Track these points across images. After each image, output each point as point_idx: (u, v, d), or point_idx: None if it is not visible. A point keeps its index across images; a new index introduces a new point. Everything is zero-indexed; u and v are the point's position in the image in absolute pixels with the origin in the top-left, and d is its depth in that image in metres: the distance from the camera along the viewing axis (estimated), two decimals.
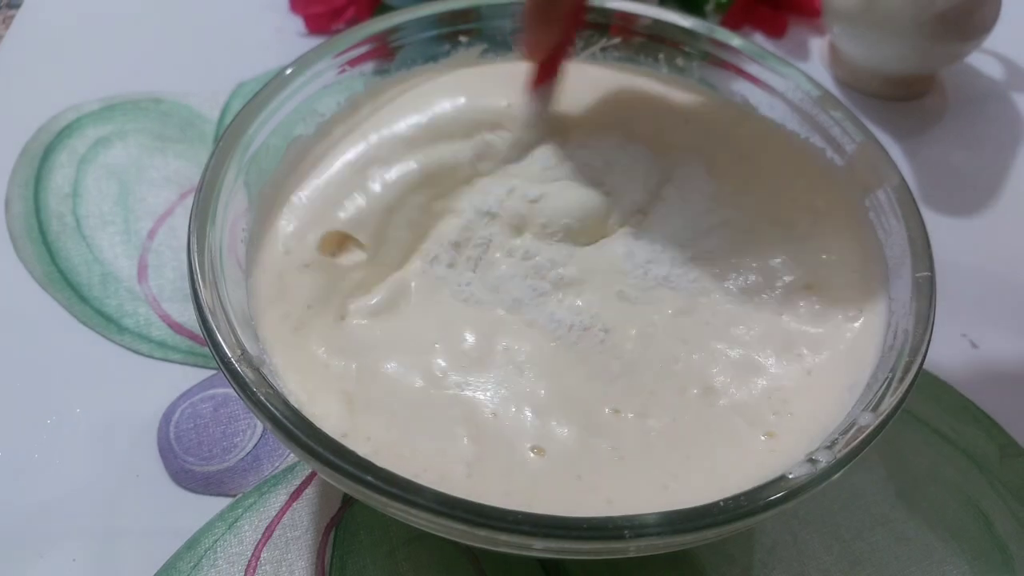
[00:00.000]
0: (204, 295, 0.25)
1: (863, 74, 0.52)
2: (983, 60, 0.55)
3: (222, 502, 0.33)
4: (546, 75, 0.35)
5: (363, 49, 0.36)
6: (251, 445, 0.35)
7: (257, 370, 0.24)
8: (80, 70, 0.50)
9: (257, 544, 0.32)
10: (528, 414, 0.27)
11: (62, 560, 0.31)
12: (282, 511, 0.33)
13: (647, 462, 0.26)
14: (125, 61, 0.50)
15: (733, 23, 0.56)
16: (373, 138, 0.34)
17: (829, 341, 0.29)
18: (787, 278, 0.31)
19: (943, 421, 0.38)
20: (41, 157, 0.44)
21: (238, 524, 0.32)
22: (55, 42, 0.51)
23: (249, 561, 0.31)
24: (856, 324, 0.29)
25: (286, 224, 0.31)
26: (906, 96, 0.51)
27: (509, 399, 0.27)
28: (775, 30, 0.57)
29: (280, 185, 0.33)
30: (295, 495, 0.33)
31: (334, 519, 0.33)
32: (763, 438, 0.27)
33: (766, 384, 0.28)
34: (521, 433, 0.26)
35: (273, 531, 0.32)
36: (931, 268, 0.28)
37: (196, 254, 0.27)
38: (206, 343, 0.25)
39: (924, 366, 0.39)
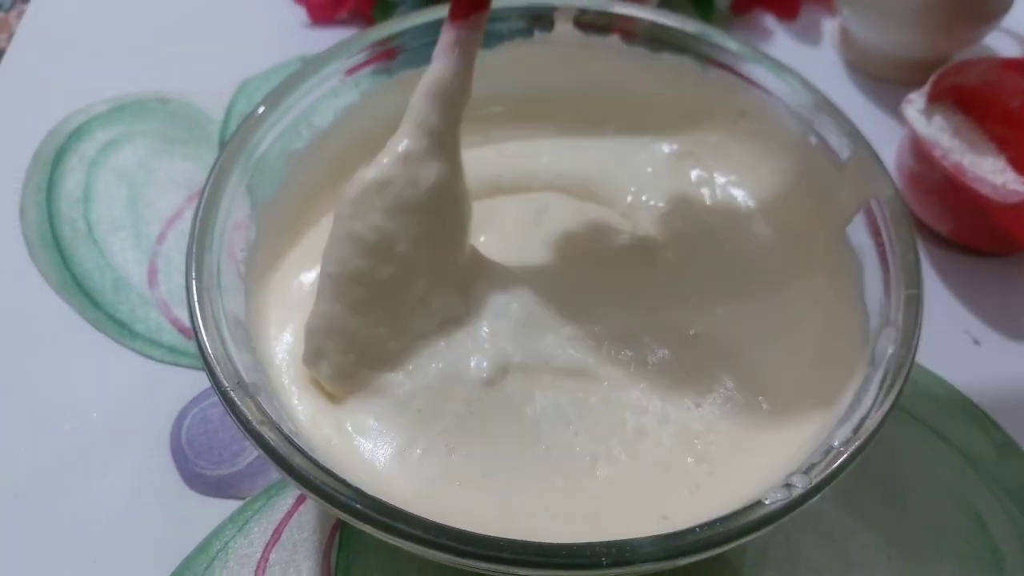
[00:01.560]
0: (202, 327, 0.26)
1: (874, 58, 0.51)
2: (1001, 40, 0.54)
3: (232, 505, 0.34)
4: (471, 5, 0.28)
5: (363, 56, 0.37)
6: None
7: (253, 397, 0.25)
8: (86, 71, 0.50)
9: (266, 545, 0.33)
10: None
11: (83, 561, 0.33)
12: (289, 513, 0.34)
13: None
14: (130, 60, 0.51)
15: (743, 5, 0.55)
16: None
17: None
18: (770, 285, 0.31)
19: (940, 419, 0.38)
20: (52, 162, 0.45)
21: (248, 526, 0.34)
22: (61, 44, 0.52)
23: (258, 562, 0.33)
24: (836, 341, 0.29)
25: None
26: (919, 81, 0.49)
27: None
28: (787, 12, 0.55)
29: (283, 202, 0.34)
30: (302, 497, 0.35)
31: (339, 520, 0.34)
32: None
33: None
34: None
35: (281, 533, 0.34)
36: (919, 286, 0.28)
37: (195, 279, 0.28)
38: (204, 370, 0.26)
39: (924, 363, 0.40)
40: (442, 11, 0.37)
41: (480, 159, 0.37)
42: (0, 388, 0.37)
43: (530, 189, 0.37)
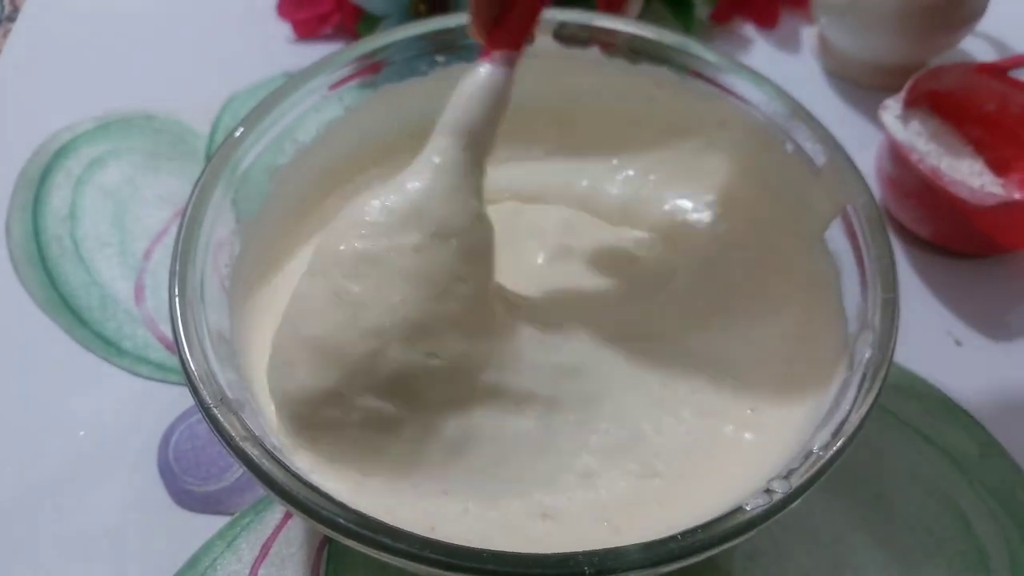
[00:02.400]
0: (185, 345, 0.26)
1: (852, 64, 0.52)
2: (975, 44, 0.54)
3: (220, 520, 0.35)
4: (503, 41, 0.29)
5: (348, 71, 0.37)
6: None
7: (236, 414, 0.25)
8: (72, 89, 0.50)
9: (254, 561, 0.34)
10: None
11: None
12: (277, 529, 0.34)
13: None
14: (116, 77, 0.51)
15: (723, 15, 0.55)
16: None
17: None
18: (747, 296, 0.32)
19: (924, 421, 0.39)
20: (39, 180, 0.46)
21: (236, 542, 0.34)
22: (47, 62, 0.52)
23: None
24: (816, 345, 0.30)
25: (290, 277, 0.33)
26: (897, 86, 0.50)
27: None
28: (766, 20, 0.56)
29: (267, 218, 0.34)
30: (289, 513, 0.35)
31: (327, 536, 0.34)
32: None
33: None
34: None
35: (269, 549, 0.34)
36: (895, 290, 0.28)
37: (178, 297, 0.28)
38: (187, 386, 0.26)
39: (906, 365, 0.40)
40: (427, 25, 0.38)
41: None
42: None
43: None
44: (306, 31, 0.54)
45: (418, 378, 0.27)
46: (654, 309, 0.32)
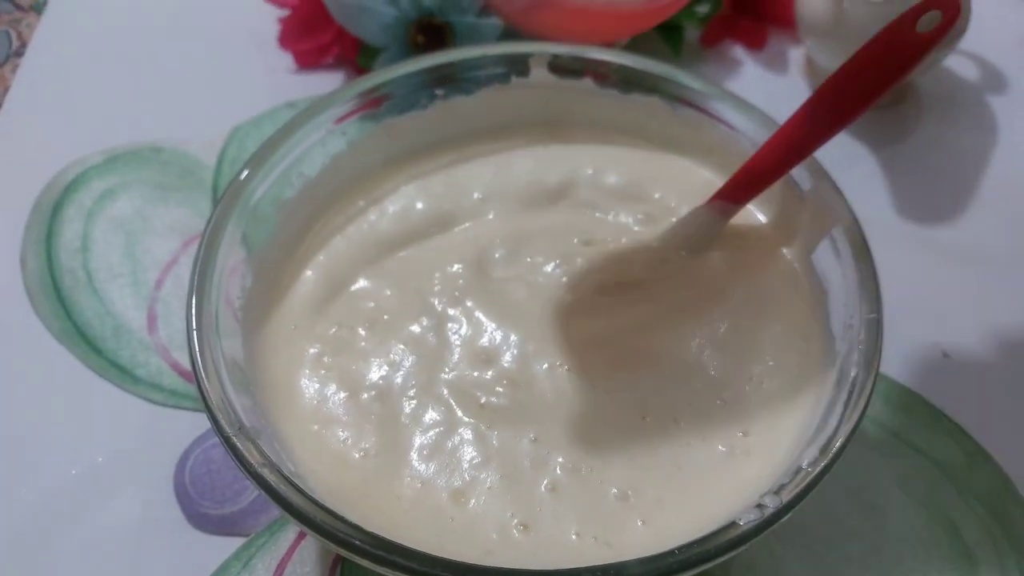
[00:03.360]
0: (204, 376, 0.28)
1: None
2: (958, 62, 0.56)
3: (236, 542, 0.36)
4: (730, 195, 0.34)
5: (352, 105, 0.38)
6: None
7: (254, 441, 0.26)
8: (81, 123, 0.52)
9: None
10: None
11: None
12: (292, 548, 0.36)
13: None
14: (124, 111, 0.53)
15: (712, 38, 0.57)
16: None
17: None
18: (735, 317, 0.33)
19: (914, 431, 0.40)
20: (51, 213, 0.47)
21: (252, 563, 0.35)
22: (56, 97, 0.53)
23: None
24: (804, 364, 0.31)
25: (294, 300, 0.35)
26: (881, 104, 0.52)
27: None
28: (755, 42, 0.58)
29: (276, 249, 0.35)
30: (303, 532, 0.36)
31: (340, 555, 0.35)
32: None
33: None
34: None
35: (284, 568, 0.35)
36: (879, 310, 0.29)
37: (196, 330, 0.29)
38: (206, 415, 0.27)
39: (896, 377, 0.41)
40: (427, 60, 0.39)
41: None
42: (6, 436, 0.38)
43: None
44: (307, 61, 0.56)
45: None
46: (640, 330, 0.33)
